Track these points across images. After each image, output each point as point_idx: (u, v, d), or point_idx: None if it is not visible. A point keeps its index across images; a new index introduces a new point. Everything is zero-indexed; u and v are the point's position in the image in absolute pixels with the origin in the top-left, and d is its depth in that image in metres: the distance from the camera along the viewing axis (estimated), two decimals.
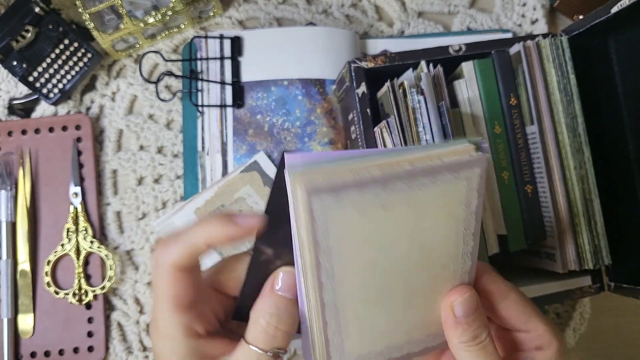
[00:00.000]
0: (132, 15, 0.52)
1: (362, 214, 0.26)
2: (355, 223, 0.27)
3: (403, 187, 0.26)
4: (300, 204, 0.25)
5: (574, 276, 0.47)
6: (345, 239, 0.27)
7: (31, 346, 0.51)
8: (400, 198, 0.27)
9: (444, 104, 0.43)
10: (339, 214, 0.26)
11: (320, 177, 0.25)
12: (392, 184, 0.26)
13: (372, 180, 0.25)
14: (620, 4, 0.41)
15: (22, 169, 0.53)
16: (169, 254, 0.29)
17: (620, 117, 0.47)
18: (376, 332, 0.32)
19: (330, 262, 0.28)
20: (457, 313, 0.31)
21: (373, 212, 0.27)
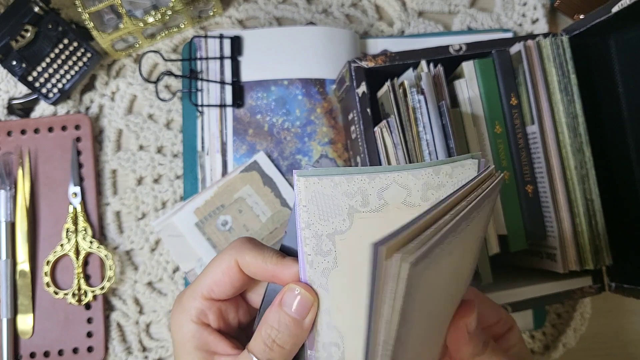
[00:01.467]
0: (131, 15, 0.52)
1: (437, 269, 0.23)
2: (431, 279, 0.23)
3: (464, 227, 0.24)
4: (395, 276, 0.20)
5: (575, 276, 0.47)
6: (422, 301, 0.23)
7: (30, 346, 0.51)
8: (460, 239, 0.24)
9: (444, 104, 0.43)
10: (425, 276, 0.22)
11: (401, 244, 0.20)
12: (459, 228, 0.23)
13: (449, 230, 0.22)
14: (621, 4, 0.41)
15: (22, 169, 0.53)
16: (240, 252, 0.31)
17: (620, 117, 0.47)
18: None
19: (406, 332, 0.23)
20: (471, 329, 0.31)
21: (443, 262, 0.23)
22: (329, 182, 0.25)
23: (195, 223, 0.53)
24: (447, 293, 0.26)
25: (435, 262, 0.22)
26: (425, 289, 0.23)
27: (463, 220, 0.23)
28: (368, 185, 0.25)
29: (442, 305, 0.27)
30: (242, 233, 0.53)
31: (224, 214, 0.53)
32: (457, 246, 0.24)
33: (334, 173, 0.25)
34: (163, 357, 0.53)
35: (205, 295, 0.31)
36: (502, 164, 0.46)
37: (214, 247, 0.53)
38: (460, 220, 0.23)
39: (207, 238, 0.53)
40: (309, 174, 0.25)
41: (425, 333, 0.27)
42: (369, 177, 0.25)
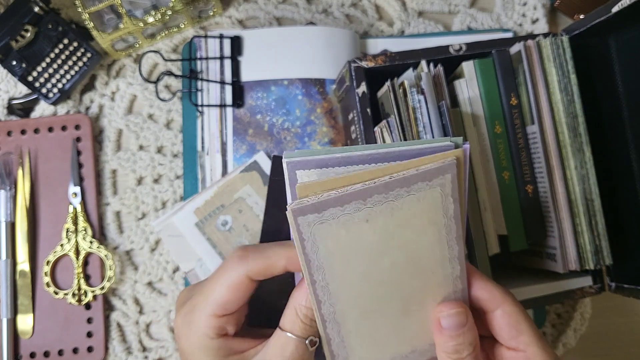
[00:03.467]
0: (131, 15, 0.52)
1: (346, 229, 0.28)
2: (341, 238, 0.28)
3: (381, 199, 0.27)
4: (290, 223, 0.27)
5: (575, 276, 0.47)
6: (335, 254, 0.29)
7: (30, 346, 0.51)
8: (380, 210, 0.28)
9: (444, 104, 0.43)
10: (325, 230, 0.27)
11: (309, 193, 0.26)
12: (370, 198, 0.27)
13: (351, 197, 0.27)
14: (621, 4, 0.41)
15: (22, 169, 0.53)
16: (247, 264, 0.32)
17: (620, 117, 0.47)
18: (379, 343, 0.32)
19: (324, 278, 0.29)
20: (443, 324, 0.31)
21: (357, 226, 0.28)
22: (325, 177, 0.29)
23: (195, 223, 0.53)
24: (397, 266, 0.30)
25: (338, 222, 0.27)
26: (335, 243, 0.28)
27: (374, 192, 0.27)
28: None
29: (391, 276, 0.30)
30: (242, 233, 0.53)
31: (224, 214, 0.53)
32: (381, 218, 0.28)
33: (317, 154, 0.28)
34: (163, 357, 0.53)
35: (219, 314, 0.32)
36: (502, 164, 0.46)
37: (214, 247, 0.53)
38: (370, 191, 0.27)
39: (207, 238, 0.53)
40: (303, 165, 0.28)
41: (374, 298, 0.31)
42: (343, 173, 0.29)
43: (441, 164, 0.27)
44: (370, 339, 0.32)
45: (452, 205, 0.29)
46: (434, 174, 0.28)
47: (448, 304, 0.31)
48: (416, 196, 0.28)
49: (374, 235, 0.29)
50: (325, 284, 0.29)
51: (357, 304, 0.31)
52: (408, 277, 0.31)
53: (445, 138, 0.29)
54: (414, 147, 0.28)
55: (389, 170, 0.27)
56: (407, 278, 0.31)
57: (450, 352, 0.31)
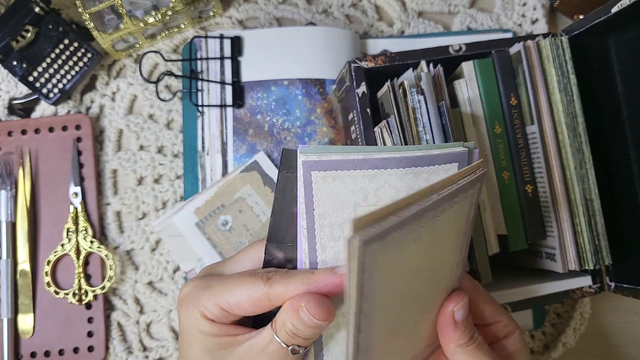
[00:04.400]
0: (132, 15, 0.52)
1: (399, 253, 0.26)
2: (393, 263, 0.27)
3: (430, 217, 0.27)
4: (355, 257, 0.24)
5: (574, 276, 0.47)
6: (385, 281, 0.27)
7: (31, 346, 0.51)
8: (426, 228, 0.27)
9: (444, 104, 0.43)
10: (383, 258, 0.25)
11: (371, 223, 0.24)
12: (423, 217, 0.26)
13: (410, 217, 0.25)
14: (621, 4, 0.41)
15: (22, 169, 0.53)
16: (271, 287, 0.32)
17: (620, 117, 0.47)
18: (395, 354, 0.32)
19: (370, 307, 0.27)
20: (457, 317, 0.32)
21: (407, 248, 0.27)
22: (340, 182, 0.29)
23: (195, 223, 0.53)
24: (424, 279, 0.29)
25: (395, 246, 0.25)
26: (387, 269, 0.26)
27: (428, 210, 0.26)
28: (368, 185, 0.30)
29: (419, 290, 0.30)
30: (243, 233, 0.53)
31: (224, 213, 0.53)
32: (425, 235, 0.27)
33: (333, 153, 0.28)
34: (163, 356, 0.53)
35: (224, 308, 0.33)
36: (502, 164, 0.46)
37: (214, 247, 0.53)
38: (424, 211, 0.26)
39: (208, 238, 0.53)
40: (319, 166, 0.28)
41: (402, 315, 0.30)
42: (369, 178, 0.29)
43: (478, 174, 0.28)
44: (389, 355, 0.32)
45: (472, 212, 0.29)
46: (471, 185, 0.28)
47: (456, 298, 0.32)
48: (454, 208, 0.28)
49: (417, 254, 0.28)
50: (370, 312, 0.27)
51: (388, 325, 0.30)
52: (431, 287, 0.31)
53: (458, 143, 0.30)
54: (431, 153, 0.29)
55: (436, 187, 0.27)
56: (431, 289, 0.31)
57: (467, 342, 0.32)
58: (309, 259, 0.31)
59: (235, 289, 0.32)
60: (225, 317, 0.33)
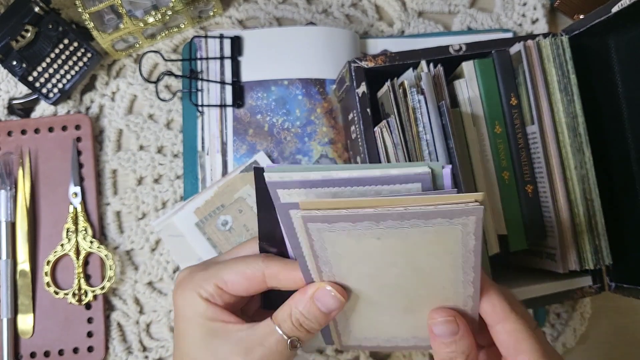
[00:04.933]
0: (131, 15, 0.52)
1: (356, 240, 0.29)
2: (349, 246, 0.29)
3: (395, 224, 0.28)
4: (298, 225, 0.28)
5: (575, 276, 0.47)
6: (342, 256, 0.30)
7: (31, 346, 0.51)
8: (393, 232, 0.28)
9: (444, 104, 0.43)
10: (334, 236, 0.28)
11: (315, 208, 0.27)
12: (384, 222, 0.28)
13: (364, 217, 0.27)
14: (621, 4, 0.41)
15: (22, 169, 0.53)
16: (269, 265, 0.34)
17: (620, 117, 0.47)
18: (381, 325, 0.34)
19: (330, 270, 0.31)
20: (435, 331, 0.32)
21: (367, 240, 0.29)
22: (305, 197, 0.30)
23: (195, 223, 0.53)
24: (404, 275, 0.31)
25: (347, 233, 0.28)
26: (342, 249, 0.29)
27: (388, 217, 0.27)
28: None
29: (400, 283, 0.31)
30: (243, 233, 0.53)
31: (224, 213, 0.53)
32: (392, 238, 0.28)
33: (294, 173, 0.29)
34: (163, 356, 0.53)
35: (220, 286, 0.33)
36: (502, 164, 0.46)
37: (214, 247, 0.53)
38: (383, 216, 0.27)
39: (207, 238, 0.53)
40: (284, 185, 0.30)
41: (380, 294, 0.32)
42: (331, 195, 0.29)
43: (468, 207, 0.27)
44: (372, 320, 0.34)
45: (473, 242, 0.29)
46: (456, 214, 0.27)
47: (439, 311, 0.32)
48: (434, 229, 0.28)
49: (382, 250, 0.29)
50: (332, 275, 0.30)
51: (361, 294, 0.32)
52: (414, 286, 0.32)
53: (422, 163, 0.29)
54: (389, 173, 0.28)
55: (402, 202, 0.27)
56: (412, 286, 0.32)
57: (442, 358, 0.32)
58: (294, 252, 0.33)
59: (232, 266, 0.34)
60: (220, 297, 0.34)
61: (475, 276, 0.31)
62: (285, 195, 0.29)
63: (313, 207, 0.27)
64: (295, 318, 0.32)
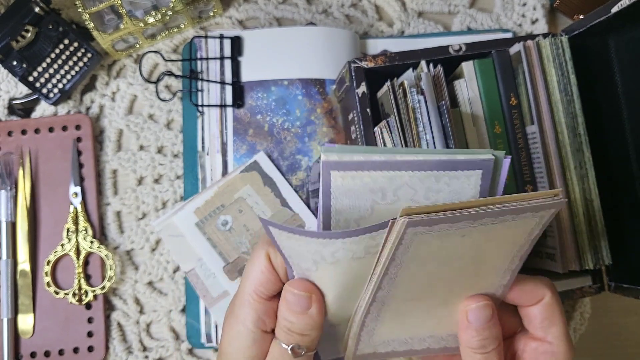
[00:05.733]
0: (132, 15, 0.52)
1: (442, 240, 0.28)
2: (433, 246, 0.29)
3: (488, 222, 0.28)
4: (396, 231, 0.27)
5: (574, 276, 0.47)
6: (418, 257, 0.29)
7: (31, 346, 0.51)
8: (481, 229, 0.29)
9: (444, 104, 0.43)
10: (425, 238, 0.28)
11: (419, 213, 0.27)
12: (481, 219, 0.28)
13: (465, 217, 0.27)
14: (621, 4, 0.41)
15: (22, 169, 0.53)
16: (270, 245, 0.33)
17: (620, 117, 0.47)
18: (407, 323, 0.34)
19: (396, 272, 0.30)
20: (470, 318, 0.32)
21: (452, 239, 0.29)
22: (359, 181, 0.30)
23: (195, 223, 0.53)
24: (461, 266, 0.30)
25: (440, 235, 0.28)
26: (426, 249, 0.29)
27: (486, 216, 0.27)
28: (387, 185, 0.30)
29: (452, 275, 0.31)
30: (243, 233, 0.53)
31: (224, 214, 0.53)
32: (476, 234, 0.28)
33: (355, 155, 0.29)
34: (163, 356, 0.53)
35: (255, 298, 0.33)
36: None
37: (214, 247, 0.53)
38: (482, 215, 0.27)
39: (208, 238, 0.53)
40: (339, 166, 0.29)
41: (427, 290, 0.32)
42: (389, 178, 0.30)
43: (555, 201, 0.28)
44: (402, 319, 0.33)
45: (537, 231, 0.30)
46: (544, 207, 0.28)
47: (475, 298, 0.32)
48: (517, 222, 0.29)
49: (460, 246, 0.29)
50: (395, 276, 0.30)
51: (409, 293, 0.32)
52: (464, 277, 0.32)
53: (486, 151, 0.30)
54: (454, 158, 0.29)
55: (500, 200, 0.28)
56: (463, 278, 0.32)
57: (476, 347, 0.32)
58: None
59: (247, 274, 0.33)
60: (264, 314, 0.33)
61: (518, 264, 0.31)
62: (337, 178, 0.29)
63: (417, 212, 0.27)
64: (283, 325, 0.32)
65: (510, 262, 0.31)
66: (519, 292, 0.33)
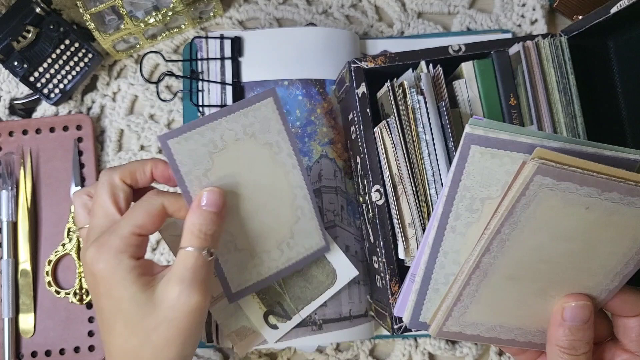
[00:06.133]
0: (132, 16, 0.52)
1: (565, 205, 0.28)
2: (554, 210, 0.28)
3: (615, 198, 0.28)
4: (524, 175, 0.27)
5: None
6: (536, 220, 0.29)
7: (32, 345, 0.52)
8: (606, 206, 0.28)
9: (443, 104, 0.43)
10: (549, 196, 0.27)
11: (555, 160, 0.27)
12: (608, 192, 0.27)
13: (595, 182, 0.27)
14: (620, 5, 0.41)
15: (23, 169, 0.54)
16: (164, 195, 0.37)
17: (619, 117, 0.47)
18: (501, 308, 0.33)
19: (510, 233, 0.29)
20: (565, 316, 0.31)
21: (575, 208, 0.28)
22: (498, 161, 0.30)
23: None
24: (570, 251, 0.30)
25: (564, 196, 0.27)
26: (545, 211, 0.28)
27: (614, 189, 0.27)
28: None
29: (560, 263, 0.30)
30: None
31: None
32: (599, 211, 0.28)
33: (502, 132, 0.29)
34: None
35: (137, 232, 0.35)
36: None
37: None
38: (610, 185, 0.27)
39: None
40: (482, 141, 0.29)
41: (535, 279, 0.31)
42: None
43: None
44: (496, 301, 0.33)
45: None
46: None
47: (575, 296, 0.31)
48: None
49: (580, 221, 0.29)
50: (507, 239, 0.29)
51: (511, 268, 0.31)
52: (570, 267, 0.31)
53: (635, 151, 0.30)
54: (602, 153, 0.29)
55: (635, 177, 0.27)
56: (569, 267, 0.31)
57: (565, 347, 0.31)
58: (439, 222, 0.32)
59: (137, 212, 0.35)
60: (139, 246, 0.35)
61: (631, 271, 0.31)
62: (476, 153, 0.29)
63: (550, 158, 0.26)
64: (197, 229, 0.35)
65: (625, 264, 0.30)
66: (620, 300, 0.32)
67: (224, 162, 0.37)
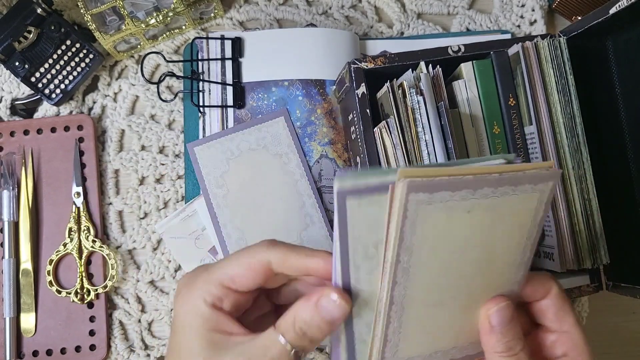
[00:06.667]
0: (133, 17, 0.52)
1: (448, 215, 0.28)
2: (440, 224, 0.28)
3: (489, 193, 0.28)
4: (398, 198, 0.27)
5: (572, 275, 0.48)
6: (428, 239, 0.28)
7: (33, 345, 0.52)
8: (484, 204, 0.28)
9: (443, 105, 0.44)
10: (429, 212, 0.27)
11: (421, 175, 0.26)
12: (481, 190, 0.28)
13: (464, 184, 0.27)
14: (619, 5, 0.41)
15: (25, 169, 0.54)
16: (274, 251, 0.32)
17: (618, 118, 0.48)
18: (430, 335, 0.33)
19: (409, 260, 0.29)
20: (493, 322, 0.31)
21: (458, 215, 0.28)
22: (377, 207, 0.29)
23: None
24: (474, 259, 0.30)
25: (443, 206, 0.27)
26: (432, 227, 0.28)
27: (485, 185, 0.27)
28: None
29: (466, 270, 0.30)
30: None
31: None
32: (480, 211, 0.28)
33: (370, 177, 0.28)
34: (165, 355, 0.54)
35: (225, 284, 0.32)
36: None
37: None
38: (481, 182, 0.27)
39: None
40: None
41: (445, 292, 0.31)
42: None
43: (550, 172, 0.28)
44: (424, 331, 0.32)
45: (542, 213, 0.30)
46: (541, 178, 0.28)
47: (494, 300, 0.31)
48: (519, 197, 0.29)
49: (469, 227, 0.29)
50: (408, 266, 0.29)
51: (428, 293, 0.31)
52: (480, 274, 0.31)
53: (498, 156, 0.30)
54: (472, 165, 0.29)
55: (497, 169, 0.28)
56: (479, 275, 0.31)
57: (503, 351, 0.31)
58: (342, 280, 0.31)
59: (234, 260, 0.32)
60: (226, 298, 0.32)
61: (529, 257, 0.31)
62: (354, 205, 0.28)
63: (415, 175, 0.26)
64: (299, 326, 0.30)
65: (522, 253, 0.31)
66: (529, 287, 0.32)
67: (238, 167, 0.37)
